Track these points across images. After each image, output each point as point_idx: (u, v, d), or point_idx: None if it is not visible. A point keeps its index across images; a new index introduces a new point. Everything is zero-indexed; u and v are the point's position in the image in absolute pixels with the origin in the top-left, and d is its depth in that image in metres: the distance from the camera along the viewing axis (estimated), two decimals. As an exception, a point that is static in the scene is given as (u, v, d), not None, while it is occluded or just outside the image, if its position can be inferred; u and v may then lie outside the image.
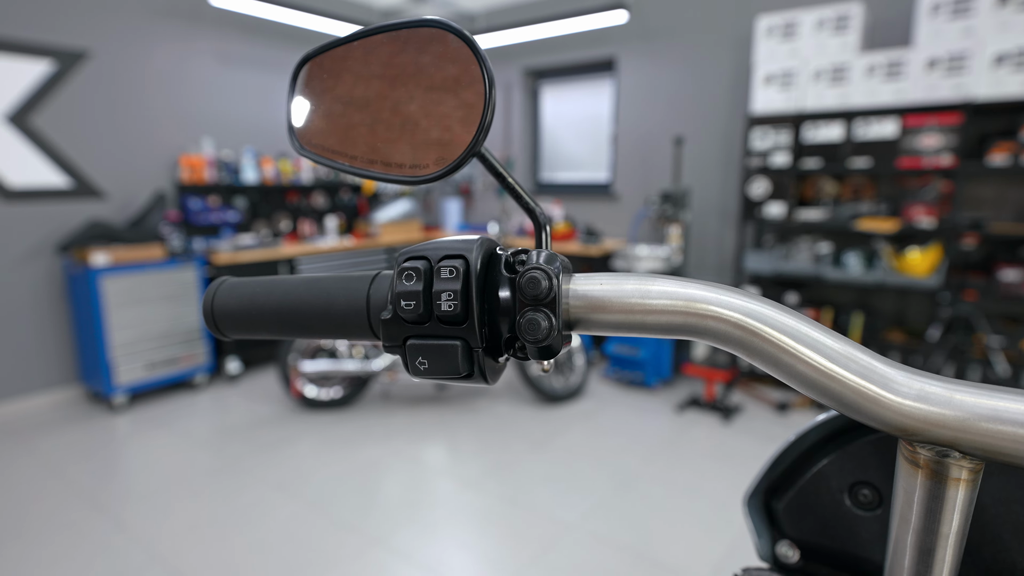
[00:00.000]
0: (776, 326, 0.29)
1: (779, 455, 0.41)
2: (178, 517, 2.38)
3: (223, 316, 0.41)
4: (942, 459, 0.27)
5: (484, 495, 2.55)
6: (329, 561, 2.10)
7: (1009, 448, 0.25)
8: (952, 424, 0.26)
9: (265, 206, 4.54)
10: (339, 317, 0.37)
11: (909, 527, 0.29)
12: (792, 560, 0.41)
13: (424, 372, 0.35)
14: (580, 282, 0.34)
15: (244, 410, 3.48)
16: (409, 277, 0.34)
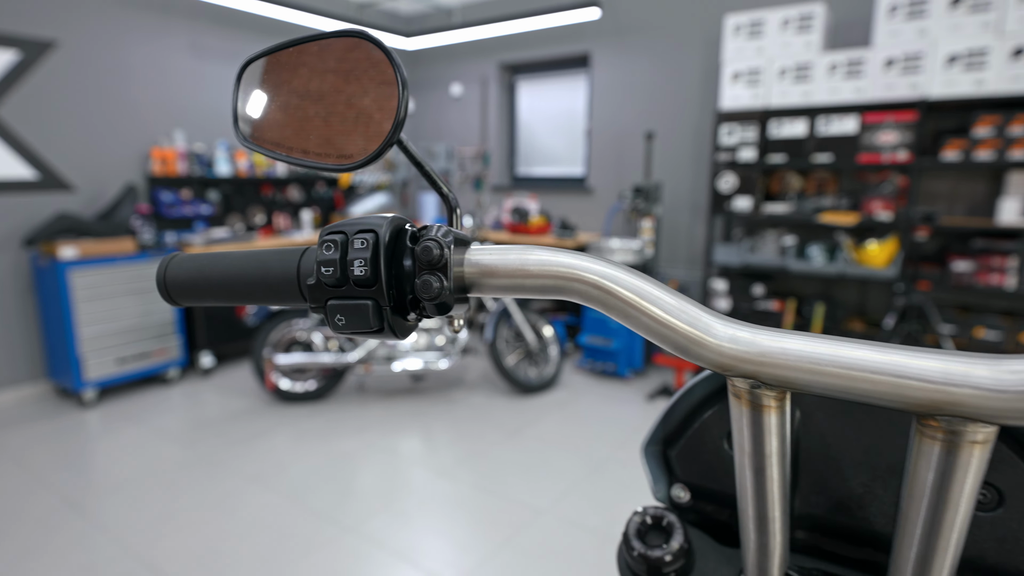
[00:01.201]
0: (625, 286, 0.35)
1: (670, 409, 0.46)
2: (151, 510, 2.38)
3: (174, 286, 0.45)
4: (753, 390, 0.32)
5: (457, 483, 2.59)
6: (303, 549, 2.13)
7: (797, 378, 0.30)
8: (754, 359, 0.31)
9: (239, 199, 4.51)
10: (274, 284, 0.42)
11: (744, 452, 0.34)
12: (684, 500, 0.46)
13: (342, 327, 0.40)
14: (473, 253, 0.40)
15: (217, 404, 3.48)
16: (328, 248, 0.39)
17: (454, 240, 0.40)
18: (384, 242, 0.39)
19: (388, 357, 3.49)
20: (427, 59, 5.74)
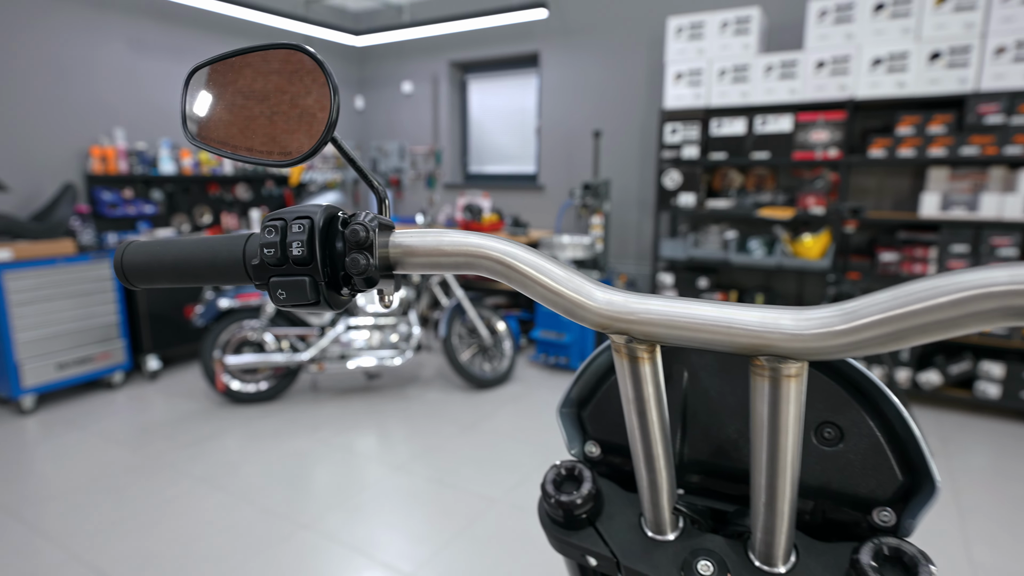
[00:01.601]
0: (523, 260, 0.41)
1: (579, 375, 0.52)
2: (97, 515, 2.33)
3: (131, 269, 0.49)
4: (628, 344, 0.38)
5: (413, 477, 2.63)
6: (257, 547, 2.12)
7: (659, 332, 0.36)
8: (626, 318, 0.37)
9: (184, 198, 4.40)
10: (222, 266, 0.47)
11: (629, 399, 0.40)
12: (595, 455, 0.52)
13: (283, 301, 0.44)
14: (396, 236, 0.46)
15: (165, 407, 3.40)
16: (270, 232, 0.44)
17: (379, 225, 0.45)
18: (318, 226, 0.44)
19: (342, 355, 3.48)
20: (377, 56, 5.72)
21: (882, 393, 0.42)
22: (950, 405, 3.44)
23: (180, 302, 3.92)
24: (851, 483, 0.43)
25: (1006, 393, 3.15)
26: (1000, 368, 3.15)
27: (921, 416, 3.27)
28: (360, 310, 3.49)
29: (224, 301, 3.29)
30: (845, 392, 0.43)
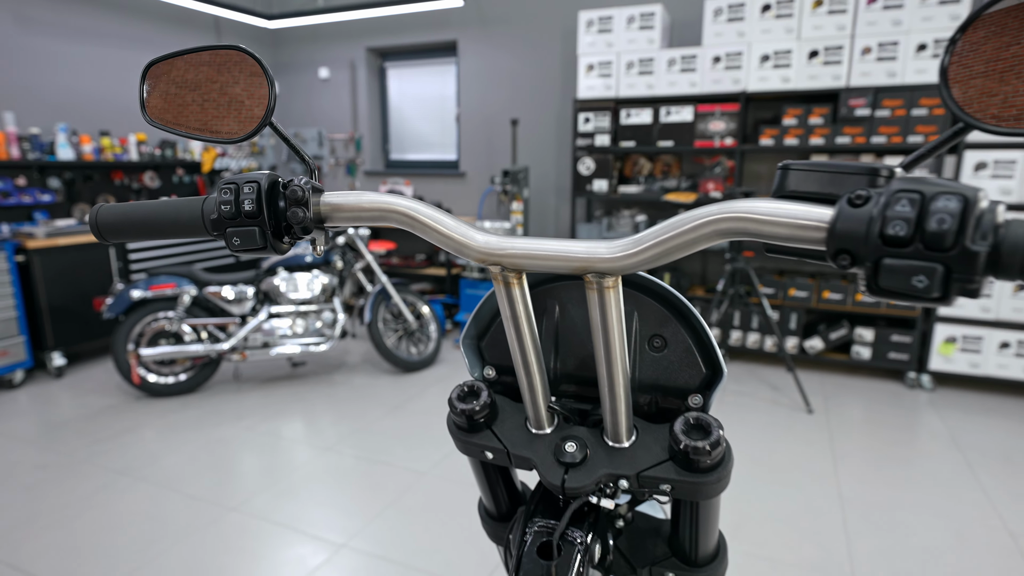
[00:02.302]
0: (423, 213, 0.53)
1: (477, 312, 0.65)
2: (8, 513, 2.25)
3: (105, 227, 0.58)
4: (502, 272, 0.51)
5: (341, 457, 2.69)
6: (183, 532, 2.14)
7: (520, 263, 0.49)
8: (497, 253, 0.50)
9: (87, 187, 4.18)
10: (184, 221, 0.56)
11: (507, 317, 0.53)
12: (492, 376, 0.65)
13: (237, 247, 0.55)
14: (326, 196, 0.57)
15: (75, 404, 3.27)
16: (226, 192, 0.55)
17: (312, 187, 0.56)
18: (264, 188, 0.55)
19: (265, 343, 3.46)
20: (293, 40, 5.59)
21: (691, 312, 0.57)
22: (831, 367, 3.86)
23: (86, 295, 3.75)
24: (673, 378, 0.58)
25: (876, 354, 3.58)
26: (871, 333, 3.57)
27: (806, 378, 3.66)
28: (283, 298, 3.48)
29: (136, 291, 3.20)
30: (667, 312, 0.58)
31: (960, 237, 0.34)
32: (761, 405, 3.25)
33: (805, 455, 2.70)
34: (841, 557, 2.00)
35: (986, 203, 0.35)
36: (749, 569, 1.94)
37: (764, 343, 3.82)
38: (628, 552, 0.66)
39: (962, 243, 0.34)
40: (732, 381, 3.60)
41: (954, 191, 0.35)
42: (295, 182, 0.56)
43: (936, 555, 2.02)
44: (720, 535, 0.66)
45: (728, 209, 0.42)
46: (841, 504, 2.31)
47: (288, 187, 0.56)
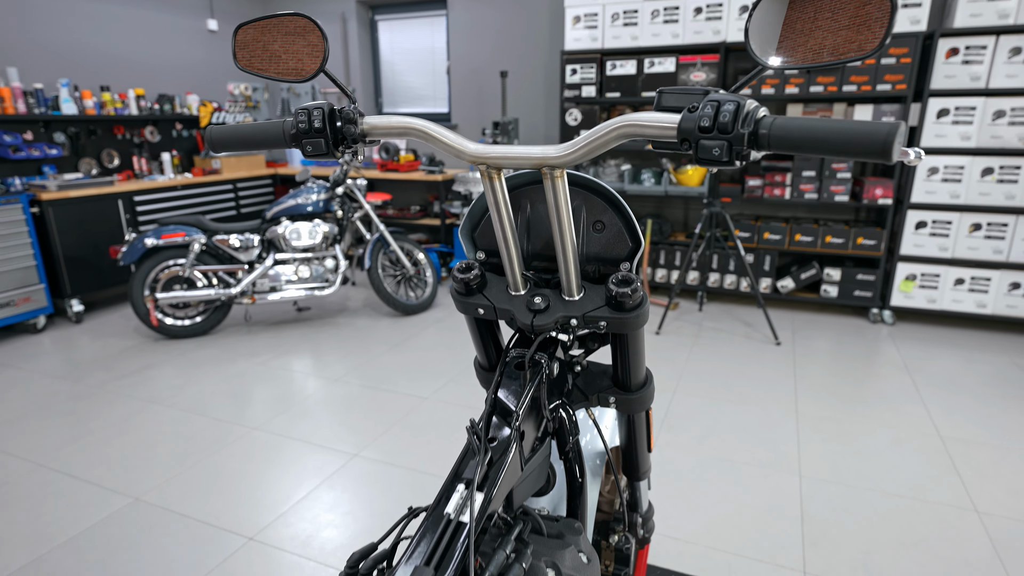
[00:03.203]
0: (434, 129, 0.74)
1: (471, 208, 0.87)
2: (57, 434, 2.52)
3: (215, 142, 0.81)
4: (487, 170, 0.73)
5: (349, 386, 2.96)
6: (213, 446, 2.41)
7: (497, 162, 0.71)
8: (483, 156, 0.72)
9: (91, 141, 4.32)
10: (271, 137, 0.79)
11: (492, 205, 0.76)
12: (483, 258, 0.88)
13: (310, 154, 0.77)
14: (368, 118, 0.78)
15: (96, 345, 3.52)
16: (301, 115, 0.76)
17: (358, 112, 0.78)
18: (327, 112, 0.76)
19: (271, 288, 3.69)
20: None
21: (622, 203, 0.80)
22: (801, 306, 4.14)
23: (99, 244, 3.95)
24: (610, 252, 0.81)
25: (842, 292, 3.85)
26: (838, 272, 3.83)
27: (777, 316, 3.93)
28: (287, 245, 3.69)
29: (149, 240, 3.40)
30: (605, 204, 0.80)
31: (735, 125, 0.57)
32: (734, 339, 3.53)
33: (769, 380, 2.99)
34: (791, 459, 2.30)
35: (751, 106, 0.58)
36: (711, 468, 2.24)
37: (740, 284, 4.08)
38: (583, 386, 0.91)
39: (736, 129, 0.57)
40: (708, 319, 3.88)
41: (734, 100, 0.58)
42: (347, 108, 0.77)
43: (874, 454, 2.32)
44: (648, 371, 0.91)
45: (624, 120, 0.64)
46: (796, 418, 2.60)
47: (342, 111, 0.77)
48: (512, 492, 0.73)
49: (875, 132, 0.51)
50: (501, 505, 0.71)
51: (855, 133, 0.52)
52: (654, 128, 0.62)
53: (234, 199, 4.91)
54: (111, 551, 1.83)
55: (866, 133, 0.51)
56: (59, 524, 1.96)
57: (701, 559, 1.78)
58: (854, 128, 0.52)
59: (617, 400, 0.90)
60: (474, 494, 0.62)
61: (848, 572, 1.72)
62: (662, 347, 3.40)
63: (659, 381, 2.97)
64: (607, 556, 1.14)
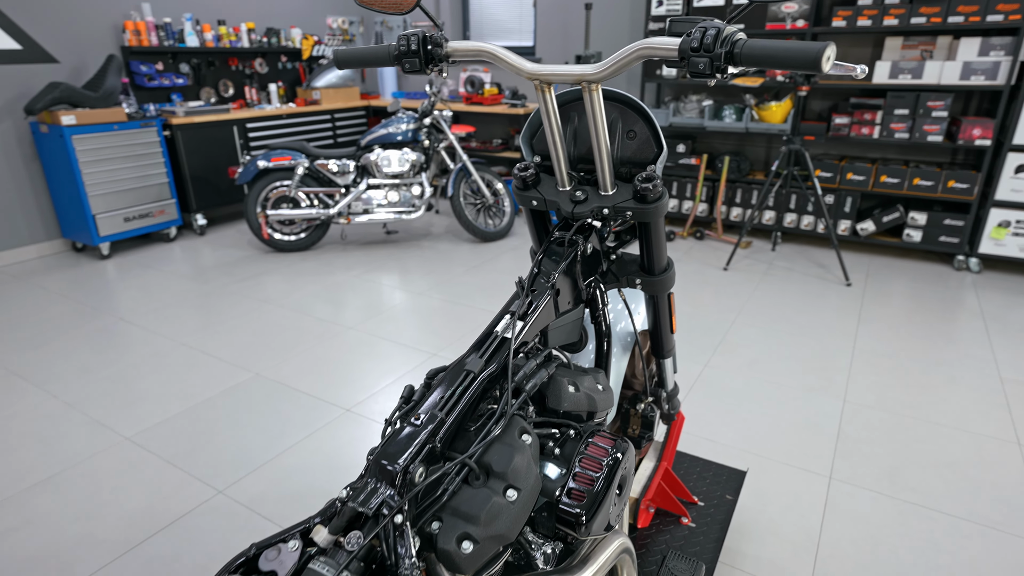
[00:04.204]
0: (500, 52, 0.94)
1: (530, 120, 1.07)
2: (191, 321, 3.02)
3: (340, 61, 1.04)
4: (540, 84, 0.92)
5: (430, 299, 3.29)
6: (317, 340, 2.82)
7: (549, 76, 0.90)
8: (536, 73, 0.90)
9: (210, 72, 4.78)
10: (380, 57, 1.01)
11: (544, 114, 0.95)
12: (538, 161, 1.09)
13: (408, 71, 0.99)
14: (451, 43, 0.99)
15: (217, 254, 4.04)
16: (402, 39, 0.98)
17: (444, 37, 0.98)
18: (421, 37, 0.98)
19: (364, 210, 4.05)
20: (378, -74, 5.76)
21: (650, 115, 0.97)
22: (881, 250, 4.05)
23: (218, 166, 4.44)
24: (639, 155, 0.99)
25: (927, 237, 3.74)
26: (924, 216, 3.72)
27: (855, 259, 3.89)
28: (378, 171, 4.01)
29: (261, 162, 3.81)
30: (637, 116, 0.98)
31: (715, 46, 0.73)
32: (802, 278, 3.56)
33: (831, 317, 3.05)
34: (838, 386, 2.42)
35: (729, 31, 0.74)
36: (757, 388, 2.40)
37: (817, 226, 4.03)
38: (616, 271, 1.12)
39: (716, 48, 0.74)
40: (780, 259, 3.90)
41: (716, 27, 0.73)
42: (435, 34, 0.98)
43: (925, 388, 2.39)
44: (669, 259, 1.10)
45: (642, 43, 0.81)
46: (852, 352, 2.68)
47: (432, 37, 0.98)
48: (547, 333, 0.96)
49: (811, 48, 0.67)
50: (536, 336, 0.94)
51: (797, 50, 0.68)
52: (662, 50, 0.80)
53: (332, 128, 5.29)
54: (240, 410, 2.27)
55: (804, 50, 0.67)
56: (199, 387, 2.43)
57: (734, 459, 1.99)
58: (797, 46, 0.68)
59: (643, 282, 1.10)
60: (516, 320, 0.86)
61: (873, 482, 1.87)
62: (727, 282, 3.50)
63: (719, 313, 3.10)
64: (635, 422, 1.37)
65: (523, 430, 0.80)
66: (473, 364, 0.82)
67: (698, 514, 1.55)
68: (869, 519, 1.72)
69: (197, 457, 2.01)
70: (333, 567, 0.63)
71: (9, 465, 1.98)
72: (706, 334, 2.86)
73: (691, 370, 2.54)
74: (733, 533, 1.67)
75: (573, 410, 0.91)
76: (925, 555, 1.60)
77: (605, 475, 0.80)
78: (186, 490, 1.86)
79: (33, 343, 2.81)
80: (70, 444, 2.09)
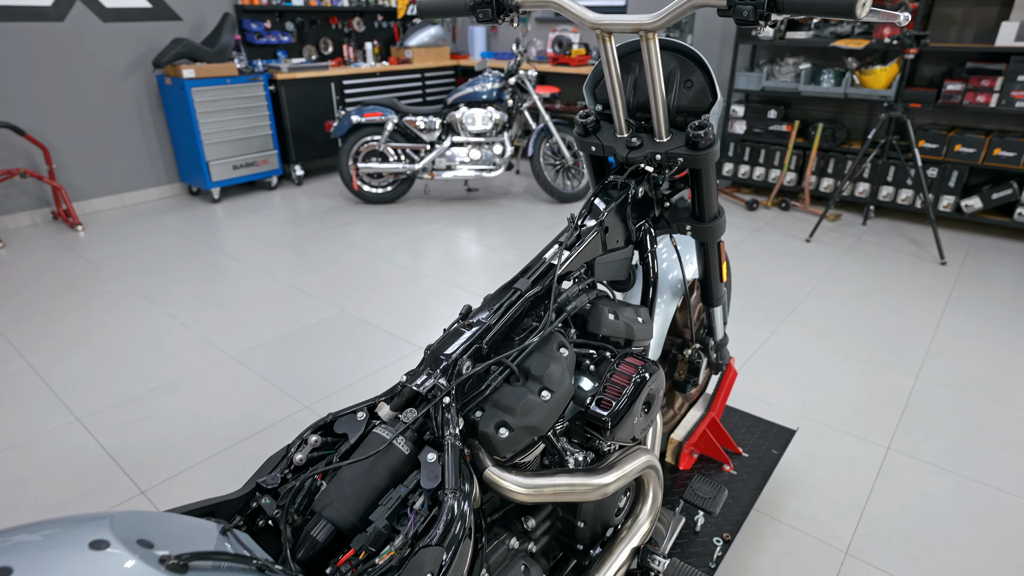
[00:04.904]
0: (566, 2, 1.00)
1: (593, 71, 1.13)
2: (288, 261, 3.31)
3: (421, 11, 1.14)
4: (601, 33, 0.98)
5: (504, 254, 3.42)
6: (397, 284, 3.03)
7: (610, 26, 0.95)
8: (598, 23, 0.96)
9: (312, 30, 5.05)
10: (458, 7, 1.10)
11: (604, 62, 1.01)
12: (599, 109, 1.15)
13: (480, 20, 1.07)
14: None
15: (313, 203, 4.35)
16: None
17: None
18: None
19: (447, 167, 4.21)
20: None
21: (708, 66, 1.01)
22: (987, 229, 3.77)
23: (315, 120, 4.73)
24: (695, 104, 1.04)
25: (1041, 218, 3.45)
26: (1040, 195, 3.41)
27: (956, 237, 3.65)
28: (463, 129, 4.14)
29: (355, 117, 4.04)
30: (695, 66, 1.03)
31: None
32: (891, 254, 3.40)
33: (918, 295, 2.91)
34: (912, 362, 2.34)
35: None
36: (823, 359, 2.37)
37: (916, 201, 3.80)
38: (668, 217, 1.18)
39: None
40: (870, 233, 3.72)
41: None
42: None
43: (1011, 373, 2.27)
44: (720, 207, 1.15)
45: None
46: (935, 331, 2.57)
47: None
48: (594, 266, 1.05)
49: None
50: (582, 268, 1.03)
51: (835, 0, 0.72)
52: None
53: (421, 86, 5.47)
54: (326, 340, 2.51)
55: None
56: (292, 318, 2.69)
57: (788, 422, 2.01)
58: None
59: (693, 228, 1.16)
60: (563, 250, 0.96)
61: (934, 456, 1.84)
62: (809, 254, 3.40)
63: (794, 283, 3.03)
64: (681, 367, 1.44)
65: (561, 344, 0.90)
66: (521, 284, 0.92)
67: (741, 464, 1.60)
68: (923, 490, 1.71)
69: (288, 377, 2.26)
70: (391, 433, 0.77)
71: (137, 371, 2.32)
72: (777, 303, 2.82)
73: (756, 336, 2.53)
74: (777, 489, 1.71)
75: (612, 336, 1.00)
76: (978, 529, 1.58)
77: (632, 390, 0.89)
78: (278, 403, 2.12)
79: (157, 272, 3.19)
80: (185, 357, 2.40)
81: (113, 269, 3.22)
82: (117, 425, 2.00)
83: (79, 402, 2.12)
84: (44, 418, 2.04)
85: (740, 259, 3.33)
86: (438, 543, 0.67)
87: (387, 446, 0.76)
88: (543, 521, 0.97)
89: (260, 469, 0.80)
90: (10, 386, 2.21)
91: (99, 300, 2.88)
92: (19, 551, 0.48)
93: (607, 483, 0.91)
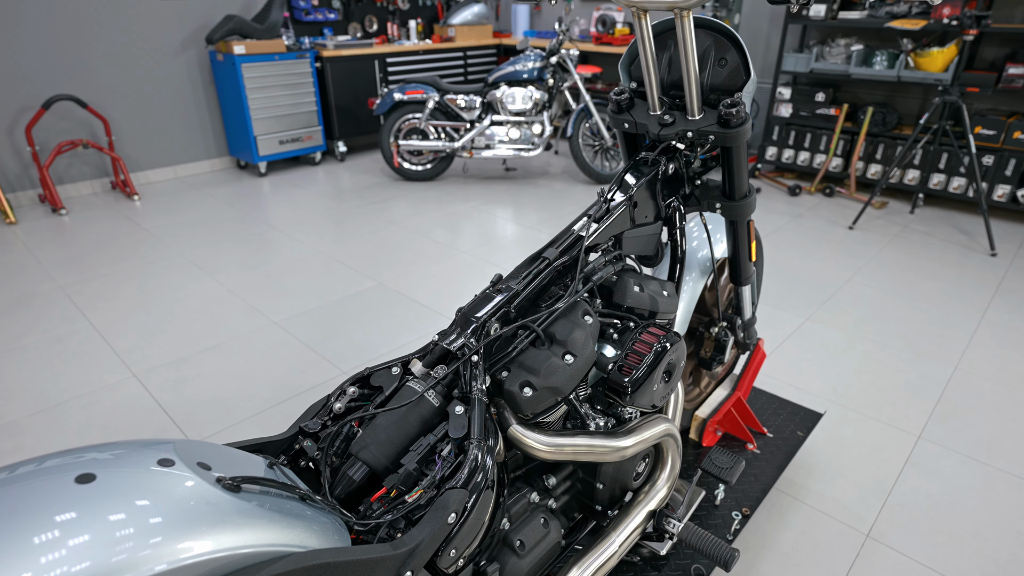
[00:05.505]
0: None
1: (628, 48, 1.15)
2: (329, 234, 3.42)
3: None
4: (637, 12, 1.00)
5: (540, 233, 3.45)
6: (433, 259, 3.10)
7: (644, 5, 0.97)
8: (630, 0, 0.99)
9: (358, 8, 5.11)
10: None
11: (640, 41, 1.03)
12: (634, 87, 1.17)
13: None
14: None
15: (355, 178, 4.45)
16: None
17: None
18: None
19: (486, 146, 4.24)
20: None
21: (742, 44, 1.02)
22: (1046, 223, 3.61)
23: (358, 97, 4.81)
24: (729, 82, 1.05)
25: (1104, 211, 3.28)
26: (1104, 186, 3.25)
27: (1012, 229, 3.51)
28: (503, 108, 4.16)
29: (397, 94, 4.10)
30: (730, 44, 1.04)
31: None
32: (939, 244, 3.30)
33: (964, 285, 2.83)
34: (952, 353, 2.30)
35: None
36: (859, 347, 2.34)
37: (968, 190, 3.66)
38: (699, 195, 1.20)
39: None
40: (918, 222, 3.61)
41: None
42: None
43: (1053, 367, 2.21)
44: (750, 185, 1.16)
45: None
46: (979, 323, 2.51)
47: None
48: (622, 239, 1.08)
49: None
50: (610, 240, 1.06)
51: None
52: None
53: (463, 65, 5.49)
54: (364, 311, 2.60)
55: None
56: (332, 289, 2.79)
57: (817, 406, 2.00)
58: None
59: (723, 206, 1.18)
60: (591, 222, 0.99)
61: (967, 447, 1.82)
62: (850, 241, 3.33)
63: (833, 270, 2.98)
64: (708, 344, 1.46)
65: (586, 312, 0.94)
66: (549, 254, 0.96)
67: (765, 443, 1.62)
68: (952, 480, 1.70)
69: (328, 343, 2.36)
70: (422, 386, 0.83)
71: (187, 333, 2.45)
72: (814, 289, 2.79)
73: (790, 322, 2.51)
74: (802, 471, 1.72)
75: (636, 307, 1.04)
76: (1006, 520, 1.57)
77: (652, 359, 0.93)
78: (317, 367, 2.22)
79: (207, 241, 3.34)
80: (232, 321, 2.53)
81: (168, 238, 3.39)
82: (170, 382, 2.14)
83: (136, 360, 2.27)
84: (104, 373, 2.19)
85: (779, 244, 3.28)
86: (463, 486, 0.73)
87: (418, 398, 0.81)
88: (563, 480, 1.02)
89: (303, 415, 0.87)
90: (74, 343, 2.37)
91: (154, 266, 3.04)
92: (98, 463, 0.56)
93: (626, 446, 0.95)
